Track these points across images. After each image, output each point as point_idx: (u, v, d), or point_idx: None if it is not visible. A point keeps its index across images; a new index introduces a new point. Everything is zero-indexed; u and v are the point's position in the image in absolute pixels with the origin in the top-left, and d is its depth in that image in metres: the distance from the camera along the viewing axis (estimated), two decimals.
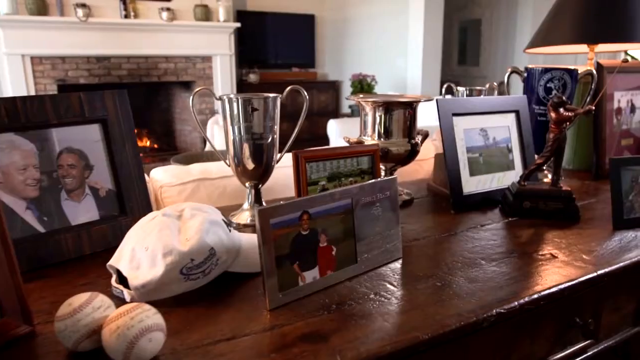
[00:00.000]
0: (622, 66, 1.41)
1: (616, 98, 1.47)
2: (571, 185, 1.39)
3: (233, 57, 5.39)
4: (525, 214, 1.10)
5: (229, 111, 0.99)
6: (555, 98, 1.03)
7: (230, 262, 0.77)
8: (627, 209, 1.05)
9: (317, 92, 6.22)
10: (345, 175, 1.04)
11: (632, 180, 1.05)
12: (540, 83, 1.33)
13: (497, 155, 1.21)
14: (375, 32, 5.83)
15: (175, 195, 1.26)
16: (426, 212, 1.14)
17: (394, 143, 1.14)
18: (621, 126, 1.49)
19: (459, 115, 1.15)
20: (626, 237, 0.99)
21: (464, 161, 1.15)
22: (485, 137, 1.19)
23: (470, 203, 1.14)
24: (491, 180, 1.19)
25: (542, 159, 1.09)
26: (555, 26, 1.51)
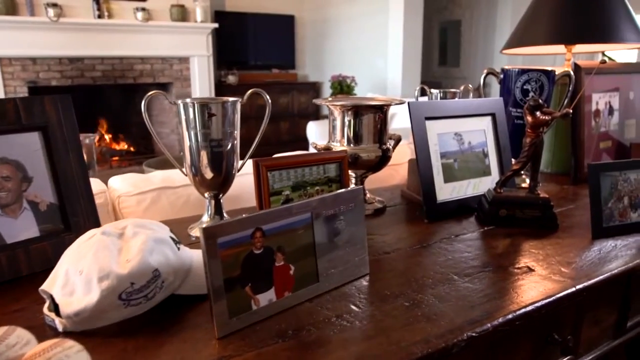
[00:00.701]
0: (600, 67, 1.37)
1: (594, 100, 1.43)
2: (549, 190, 1.35)
3: (211, 58, 5.29)
4: (501, 223, 1.04)
5: (184, 116, 0.92)
6: (532, 101, 0.98)
7: (179, 283, 0.70)
8: (607, 216, 1.00)
9: (297, 94, 6.15)
10: (311, 184, 0.98)
11: (612, 187, 1.01)
12: (516, 85, 1.28)
13: (473, 161, 1.15)
14: (355, 32, 5.78)
15: (134, 205, 1.19)
16: (399, 221, 1.09)
17: (364, 149, 1.08)
18: (599, 128, 1.45)
19: (432, 119, 1.10)
20: (605, 247, 0.94)
21: (438, 167, 1.09)
22: (460, 142, 1.14)
23: (444, 211, 1.09)
24: (467, 187, 1.14)
25: (518, 164, 1.04)
26: (532, 26, 1.46)
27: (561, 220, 1.08)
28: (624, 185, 1.02)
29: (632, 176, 1.03)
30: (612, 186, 1.01)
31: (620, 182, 1.02)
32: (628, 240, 0.98)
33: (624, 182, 1.02)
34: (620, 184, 1.02)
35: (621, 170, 1.02)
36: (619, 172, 1.02)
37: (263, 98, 1.02)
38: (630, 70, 1.55)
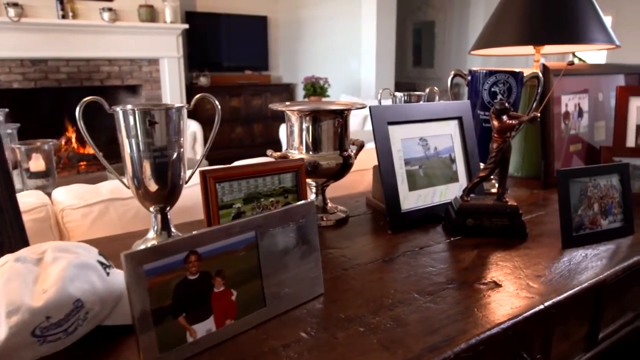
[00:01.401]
0: (569, 69, 1.34)
1: (563, 102, 1.39)
2: (520, 195, 1.31)
3: (182, 59, 5.17)
4: (469, 232, 0.99)
5: (123, 124, 0.84)
6: (498, 105, 0.93)
7: (106, 313, 0.63)
8: (577, 224, 0.96)
9: (270, 95, 6.07)
10: (265, 196, 0.91)
11: (581, 193, 0.96)
12: (484, 87, 1.23)
13: (439, 167, 1.10)
14: (329, 34, 5.73)
15: (80, 219, 1.10)
16: (361, 232, 1.02)
17: (323, 156, 1.02)
18: (569, 131, 1.42)
19: (396, 123, 1.04)
20: (576, 257, 0.90)
21: (402, 174, 1.04)
22: (426, 147, 1.08)
23: (409, 221, 1.03)
24: (433, 195, 1.08)
25: (485, 171, 0.99)
26: (500, 27, 1.42)
27: (531, 228, 1.04)
28: (593, 191, 0.98)
29: (602, 182, 0.99)
30: (581, 193, 0.96)
31: (590, 189, 0.97)
32: (599, 249, 0.94)
33: (593, 188, 0.98)
34: (590, 190, 0.97)
35: (591, 176, 0.98)
36: (588, 178, 0.97)
37: (236, 99, 0.94)
38: (599, 71, 1.52)
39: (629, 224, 1.01)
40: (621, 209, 1.01)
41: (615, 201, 1.00)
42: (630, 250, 0.94)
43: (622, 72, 1.60)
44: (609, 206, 1.00)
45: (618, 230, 1.00)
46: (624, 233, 1.01)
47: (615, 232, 1.00)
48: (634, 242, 0.98)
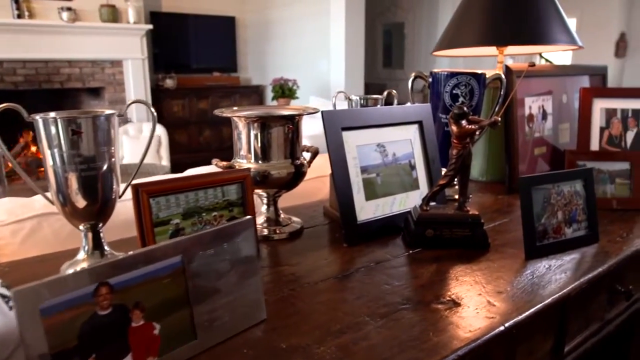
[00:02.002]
0: (532, 70, 1.30)
1: (527, 104, 1.35)
2: (484, 201, 1.26)
3: (146, 61, 5.03)
4: (429, 244, 0.94)
5: (44, 134, 0.75)
6: (456, 109, 0.87)
7: (8, 354, 0.54)
8: (540, 234, 0.91)
9: (239, 98, 5.96)
10: (207, 210, 0.83)
11: (545, 201, 0.92)
12: (445, 89, 1.18)
13: (398, 174, 1.04)
14: (298, 34, 5.66)
15: (9, 236, 1.01)
16: (315, 246, 0.96)
17: (273, 165, 0.95)
18: (533, 134, 1.38)
19: (351, 129, 0.98)
20: (539, 269, 0.85)
21: (358, 183, 0.98)
22: (384, 154, 1.02)
23: (367, 233, 0.97)
24: (392, 204, 1.02)
25: (445, 179, 0.93)
26: (462, 28, 1.38)
27: (494, 237, 0.99)
28: (557, 198, 0.93)
29: (566, 188, 0.95)
30: (545, 200, 0.92)
31: (554, 196, 0.93)
32: (563, 259, 0.90)
33: (557, 195, 0.93)
34: (554, 198, 0.93)
35: (554, 182, 0.93)
36: (551, 185, 0.93)
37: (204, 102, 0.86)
38: (563, 72, 1.49)
39: (593, 231, 0.97)
40: (585, 215, 0.97)
41: (580, 208, 0.96)
42: (594, 260, 0.90)
43: (586, 73, 1.57)
44: (573, 213, 0.95)
45: (583, 239, 0.96)
46: (589, 241, 0.97)
47: (580, 241, 0.96)
48: (599, 251, 0.94)
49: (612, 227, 1.07)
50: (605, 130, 1.40)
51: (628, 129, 1.39)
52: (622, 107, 1.40)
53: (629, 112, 1.39)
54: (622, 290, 1.05)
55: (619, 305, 1.10)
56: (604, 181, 1.20)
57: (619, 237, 1.01)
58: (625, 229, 1.07)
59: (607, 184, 1.20)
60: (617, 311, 1.09)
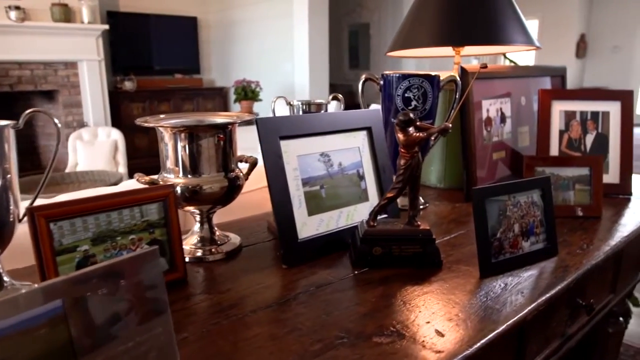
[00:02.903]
0: (487, 72, 1.24)
1: (484, 107, 1.29)
2: (440, 210, 1.19)
3: (103, 62, 4.85)
4: (376, 263, 0.85)
5: None
6: (401, 115, 0.79)
7: None
8: (496, 249, 0.84)
9: (203, 100, 5.82)
10: (122, 233, 0.73)
11: (500, 214, 0.85)
12: (397, 92, 1.10)
13: (345, 185, 0.96)
14: (262, 35, 5.56)
15: None
16: (253, 267, 0.87)
17: (205, 180, 0.85)
18: (492, 138, 1.32)
19: (291, 137, 0.89)
20: (494, 289, 0.78)
21: (299, 197, 0.89)
22: (328, 164, 0.94)
23: (309, 251, 0.88)
24: (338, 218, 0.94)
25: (393, 191, 0.85)
26: (416, 27, 1.31)
27: (448, 252, 0.92)
28: (513, 210, 0.86)
29: (522, 199, 0.88)
30: (500, 213, 0.85)
31: (510, 207, 0.86)
32: (520, 277, 0.83)
33: (513, 207, 0.86)
34: (510, 210, 0.86)
35: (510, 193, 0.86)
36: (507, 196, 0.86)
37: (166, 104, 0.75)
38: (521, 73, 1.44)
39: (552, 244, 0.91)
40: (544, 227, 0.90)
41: (537, 220, 0.90)
42: (553, 277, 0.83)
43: (545, 75, 1.53)
44: (531, 226, 0.89)
45: (541, 252, 0.89)
46: (548, 254, 0.90)
47: (538, 255, 0.89)
48: (558, 265, 0.88)
49: (572, 238, 1.01)
50: (565, 133, 1.35)
51: (587, 131, 1.35)
52: (581, 110, 1.35)
53: (588, 114, 1.34)
54: (584, 304, 0.99)
55: (581, 319, 1.04)
56: (564, 188, 1.14)
57: (579, 248, 0.95)
58: (586, 239, 1.01)
59: (567, 190, 1.15)
60: (578, 325, 1.04)
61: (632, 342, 2.16)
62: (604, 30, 9.64)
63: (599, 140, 1.34)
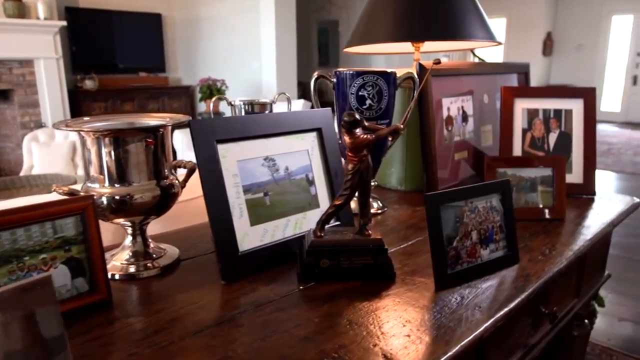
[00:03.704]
0: (445, 69, 1.18)
1: (445, 105, 1.23)
2: (399, 215, 1.13)
3: (61, 60, 4.66)
4: (324, 277, 0.78)
5: None
6: (346, 116, 0.72)
7: None
8: (452, 259, 0.78)
9: (168, 99, 5.67)
10: (31, 252, 0.64)
11: (456, 220, 0.79)
12: (351, 90, 1.04)
13: (293, 192, 0.89)
14: (228, 33, 5.44)
15: None
16: (190, 284, 0.78)
17: (134, 189, 0.77)
18: (453, 137, 1.27)
19: (229, 141, 0.81)
20: (450, 304, 0.72)
21: (240, 206, 0.81)
22: (273, 169, 0.86)
23: (252, 264, 0.81)
24: (285, 227, 0.87)
25: (340, 199, 0.78)
26: (375, 22, 1.24)
27: (404, 262, 0.86)
28: (471, 216, 0.81)
29: (480, 204, 0.82)
30: (456, 220, 0.79)
31: (467, 214, 0.80)
32: (478, 288, 0.77)
33: (470, 212, 0.81)
34: (467, 216, 0.80)
35: (467, 198, 0.80)
36: (464, 202, 0.80)
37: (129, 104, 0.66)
38: (483, 71, 1.39)
39: (512, 251, 0.86)
40: (504, 234, 0.85)
41: (497, 225, 0.84)
42: (513, 287, 0.78)
43: (508, 72, 1.48)
44: (490, 232, 0.83)
45: (501, 261, 0.84)
46: (508, 263, 0.85)
47: (498, 263, 0.84)
48: (519, 275, 0.82)
49: (534, 243, 0.96)
50: (528, 132, 1.31)
51: (550, 130, 1.31)
52: (544, 107, 1.31)
53: (551, 112, 1.30)
54: (547, 313, 0.94)
55: (544, 327, 1.00)
56: (527, 189, 1.10)
57: (540, 254, 0.90)
58: (549, 243, 0.96)
59: (530, 192, 1.10)
60: (541, 334, 0.99)
61: (598, 340, 2.15)
62: (569, 28, 9.82)
63: (562, 138, 1.30)
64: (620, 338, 2.19)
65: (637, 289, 2.66)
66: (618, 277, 2.78)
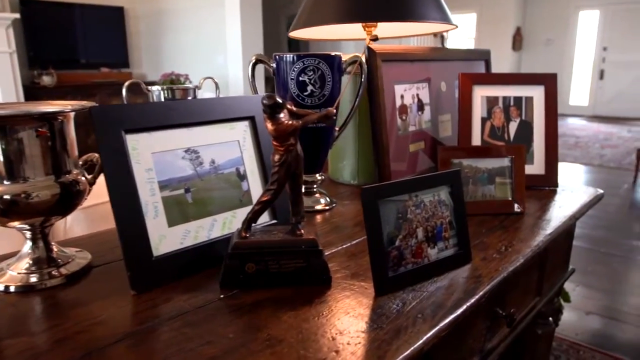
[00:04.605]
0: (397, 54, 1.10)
1: (398, 93, 1.15)
2: (348, 211, 1.05)
3: (15, 55, 4.44)
4: (250, 283, 0.69)
5: None
6: (265, 98, 0.63)
7: None
8: (395, 260, 0.69)
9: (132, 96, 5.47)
10: None
11: (399, 217, 0.70)
12: (291, 76, 0.94)
13: (221, 187, 0.79)
14: (194, 27, 5.29)
15: None
16: (96, 295, 0.68)
17: (30, 186, 0.66)
18: (408, 127, 1.19)
19: (141, 131, 0.71)
20: (389, 313, 0.63)
21: (155, 205, 0.71)
22: (197, 162, 0.76)
23: (169, 271, 0.71)
24: (211, 227, 0.77)
25: (267, 194, 0.69)
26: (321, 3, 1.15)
27: (346, 263, 0.77)
28: (416, 212, 0.72)
29: (427, 198, 0.74)
30: (399, 216, 0.70)
31: (411, 209, 0.72)
32: (424, 292, 0.69)
33: (416, 208, 0.72)
34: (412, 212, 0.72)
35: (410, 192, 0.72)
36: (407, 196, 0.71)
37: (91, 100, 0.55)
38: (440, 56, 1.31)
39: (464, 249, 0.78)
40: (454, 231, 0.77)
41: (446, 222, 0.76)
42: (463, 291, 0.69)
43: (467, 58, 1.41)
44: (438, 229, 0.75)
45: (451, 260, 0.76)
46: (459, 262, 0.77)
47: (448, 263, 0.75)
48: (470, 275, 0.74)
49: (489, 239, 0.88)
50: (488, 121, 1.24)
51: (511, 119, 1.24)
52: (503, 95, 1.24)
53: (511, 100, 1.23)
54: (504, 315, 0.87)
55: (502, 331, 0.92)
56: (483, 181, 1.02)
57: (496, 252, 0.82)
58: (505, 239, 0.89)
59: (487, 184, 1.02)
60: (499, 338, 0.91)
61: (566, 335, 2.11)
62: (538, 23, 9.92)
63: (522, 127, 1.23)
64: (588, 332, 2.15)
65: (604, 282, 2.64)
66: (584, 270, 2.76)
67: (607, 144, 6.83)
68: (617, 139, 7.25)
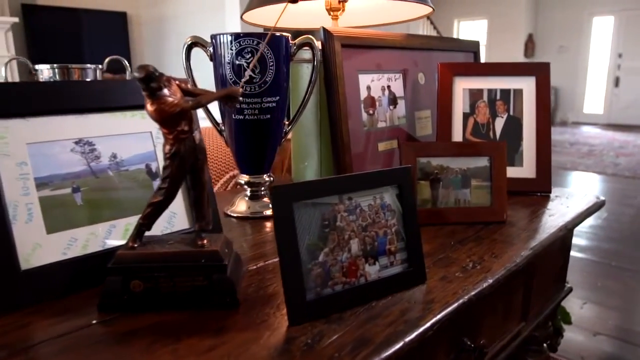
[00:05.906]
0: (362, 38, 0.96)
1: (363, 83, 1.01)
2: None
3: (14, 60, 4.38)
4: (137, 306, 0.55)
5: None
6: (137, 71, 0.49)
7: None
8: (318, 280, 0.55)
9: None
10: None
11: (325, 225, 0.56)
12: (227, 59, 0.81)
13: (125, 187, 0.65)
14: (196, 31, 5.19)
15: None
16: None
17: None
18: (376, 124, 1.04)
19: (11, 116, 0.58)
20: (296, 351, 0.48)
21: (28, 206, 0.58)
22: (90, 156, 0.63)
23: (42, 287, 0.57)
24: (107, 235, 0.63)
25: (159, 195, 0.55)
26: None
27: (266, 282, 0.64)
28: (348, 219, 0.58)
29: (365, 202, 0.59)
30: (324, 223, 0.56)
31: (342, 215, 0.57)
32: (353, 322, 0.54)
33: (348, 213, 0.58)
34: (343, 218, 0.57)
35: (342, 193, 0.57)
36: (337, 198, 0.57)
37: None
38: (418, 45, 1.17)
39: (416, 266, 0.63)
40: (403, 243, 0.62)
41: (392, 231, 0.61)
42: (404, 321, 0.54)
43: (451, 49, 1.26)
44: (380, 241, 0.60)
45: (398, 280, 0.61)
46: (409, 283, 0.62)
47: (393, 284, 0.61)
48: (421, 300, 0.59)
49: (457, 254, 0.73)
50: (470, 117, 1.09)
51: (497, 114, 1.09)
52: (489, 87, 1.09)
53: (497, 92, 1.09)
54: (472, 347, 0.72)
55: None
56: (457, 184, 0.87)
57: (460, 271, 0.67)
58: (476, 254, 0.74)
59: (461, 188, 0.87)
60: None
61: (570, 358, 1.93)
62: (550, 30, 9.72)
63: (510, 124, 1.08)
64: (595, 355, 1.97)
65: (615, 299, 2.44)
66: (594, 285, 2.58)
67: (622, 152, 6.59)
68: (633, 147, 6.99)
